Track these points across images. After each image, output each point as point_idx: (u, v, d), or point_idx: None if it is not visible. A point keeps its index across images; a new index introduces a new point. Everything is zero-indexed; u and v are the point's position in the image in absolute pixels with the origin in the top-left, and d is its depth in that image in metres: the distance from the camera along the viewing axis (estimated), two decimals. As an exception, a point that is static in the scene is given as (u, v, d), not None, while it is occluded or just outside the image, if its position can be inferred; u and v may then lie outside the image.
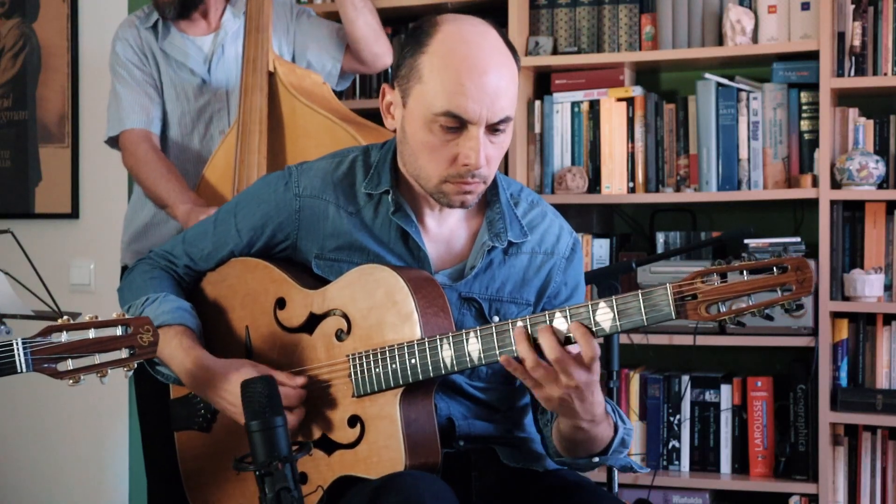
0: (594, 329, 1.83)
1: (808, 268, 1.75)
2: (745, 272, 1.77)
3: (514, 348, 1.86)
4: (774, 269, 1.77)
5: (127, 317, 1.88)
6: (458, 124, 1.92)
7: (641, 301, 1.81)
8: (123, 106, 3.11)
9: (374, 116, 3.44)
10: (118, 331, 1.88)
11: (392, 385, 1.95)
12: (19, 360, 1.84)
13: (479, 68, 1.90)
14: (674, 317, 1.80)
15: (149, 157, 3.06)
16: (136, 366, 1.90)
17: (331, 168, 2.12)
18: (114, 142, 3.18)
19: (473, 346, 1.90)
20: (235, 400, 1.99)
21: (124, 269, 3.25)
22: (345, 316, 2.02)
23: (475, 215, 2.11)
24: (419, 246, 2.05)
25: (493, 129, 1.94)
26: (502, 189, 2.11)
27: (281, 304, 2.10)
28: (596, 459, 1.99)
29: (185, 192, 2.96)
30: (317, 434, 2.03)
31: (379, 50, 3.24)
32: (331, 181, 2.10)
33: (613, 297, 1.83)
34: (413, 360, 1.93)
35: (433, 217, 2.08)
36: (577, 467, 2.06)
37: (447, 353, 1.91)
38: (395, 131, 2.06)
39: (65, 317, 1.90)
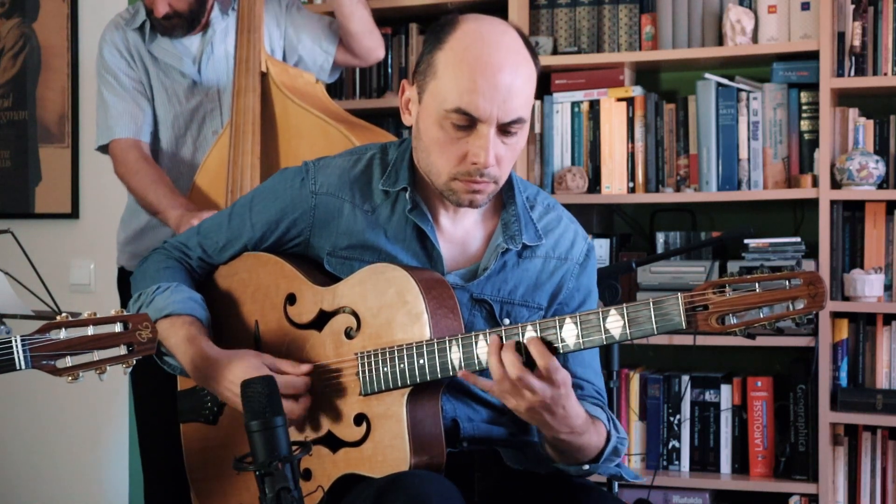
0: (604, 336, 1.84)
1: (821, 282, 1.74)
2: (757, 284, 1.77)
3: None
4: (787, 281, 1.75)
5: (125, 313, 1.89)
6: (468, 122, 1.92)
7: (652, 310, 1.81)
8: (111, 114, 3.10)
9: (373, 116, 3.45)
10: (117, 327, 1.88)
11: (399, 385, 1.95)
12: (18, 358, 1.85)
13: (492, 66, 1.90)
14: (684, 327, 1.79)
15: (139, 165, 3.05)
16: (134, 363, 1.90)
17: (348, 165, 2.12)
18: (105, 149, 3.17)
19: (482, 349, 1.89)
20: (238, 389, 1.99)
21: (121, 270, 3.25)
22: (354, 314, 2.02)
23: (490, 217, 2.12)
24: (434, 245, 2.05)
25: (504, 129, 1.94)
26: (518, 191, 2.11)
27: (291, 299, 2.10)
28: (586, 467, 2.00)
29: (175, 198, 2.96)
30: (322, 431, 2.03)
31: (372, 44, 3.23)
32: (347, 179, 2.10)
33: (624, 305, 1.83)
34: (421, 361, 1.93)
35: (448, 217, 2.09)
36: (569, 474, 2.06)
37: (456, 355, 1.91)
38: (411, 128, 2.06)
39: (63, 314, 1.90)
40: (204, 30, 3.15)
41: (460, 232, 2.10)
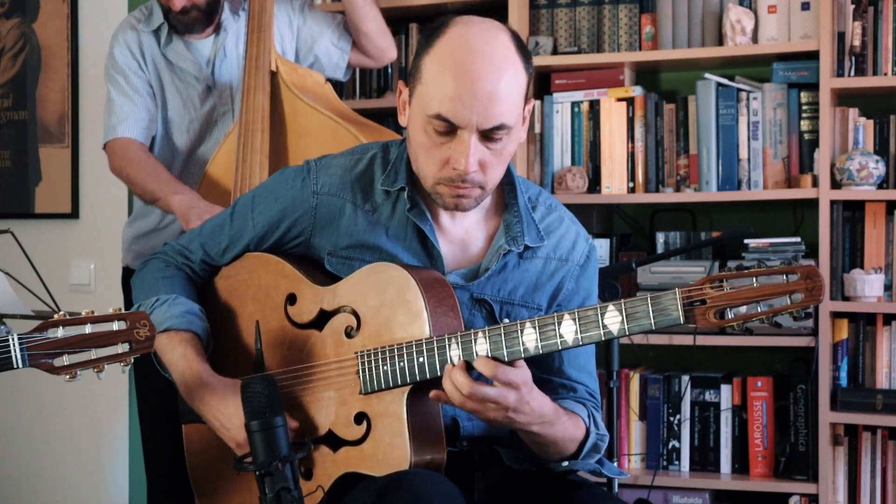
0: (602, 332, 1.85)
1: (818, 276, 1.75)
2: (755, 279, 1.77)
3: (521, 348, 1.89)
4: (784, 276, 1.76)
5: (123, 312, 1.88)
6: (449, 128, 1.93)
7: (650, 305, 1.82)
8: (117, 114, 3.09)
9: (375, 116, 3.45)
10: (115, 326, 1.88)
11: (399, 383, 1.95)
12: (15, 356, 1.85)
13: (472, 73, 1.90)
14: (682, 321, 1.80)
15: (139, 157, 3.05)
16: (132, 361, 1.90)
17: (349, 165, 2.13)
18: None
19: (482, 347, 1.90)
20: (228, 423, 2.02)
21: (125, 270, 3.25)
22: (354, 313, 2.03)
23: (492, 217, 2.12)
24: (434, 244, 2.05)
25: (486, 135, 1.93)
26: (520, 192, 2.11)
27: (292, 299, 2.10)
28: (566, 464, 2.02)
29: (177, 183, 2.96)
30: (323, 430, 2.04)
31: (385, 44, 3.24)
32: (349, 178, 2.11)
33: (622, 300, 1.84)
34: (421, 359, 1.93)
35: (448, 216, 2.09)
36: (552, 470, 2.07)
37: (455, 353, 1.91)
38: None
39: (61, 311, 1.90)
40: (216, 32, 3.14)
41: (460, 231, 2.10)
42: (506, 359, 1.91)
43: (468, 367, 1.89)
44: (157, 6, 3.11)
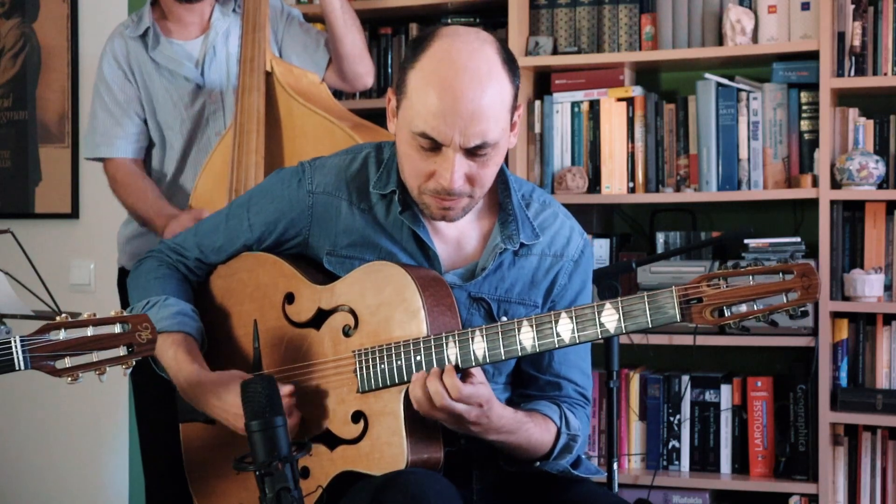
0: (599, 330, 1.86)
1: (814, 274, 1.76)
2: (751, 277, 1.77)
3: (518, 347, 1.92)
4: (781, 274, 1.76)
5: (125, 314, 1.89)
6: (433, 145, 1.94)
7: (647, 303, 1.83)
8: (98, 131, 3.13)
9: (373, 117, 3.45)
10: (116, 328, 1.89)
11: (397, 382, 1.96)
12: (17, 358, 1.85)
13: (455, 91, 1.90)
14: (678, 320, 1.81)
15: (127, 179, 3.09)
16: (133, 364, 1.90)
17: (344, 165, 2.13)
18: (93, 160, 3.20)
19: (479, 346, 1.91)
20: (228, 415, 2.02)
21: (121, 270, 3.25)
22: (352, 312, 2.03)
23: (486, 216, 2.12)
24: (429, 245, 2.06)
25: (472, 151, 1.94)
26: (514, 191, 2.11)
27: (290, 298, 2.11)
28: (538, 464, 2.04)
29: (164, 206, 2.98)
30: (320, 429, 2.04)
31: (362, 70, 3.23)
32: (344, 178, 2.12)
33: (619, 298, 1.85)
34: (418, 357, 1.94)
35: None
36: (523, 470, 2.09)
37: (452, 352, 1.92)
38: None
39: (63, 314, 1.91)
40: (205, 32, 3.15)
41: (454, 231, 2.11)
42: (503, 357, 1.92)
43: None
44: (147, 12, 3.14)
